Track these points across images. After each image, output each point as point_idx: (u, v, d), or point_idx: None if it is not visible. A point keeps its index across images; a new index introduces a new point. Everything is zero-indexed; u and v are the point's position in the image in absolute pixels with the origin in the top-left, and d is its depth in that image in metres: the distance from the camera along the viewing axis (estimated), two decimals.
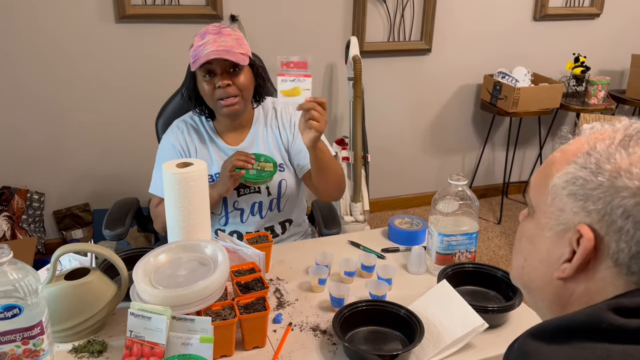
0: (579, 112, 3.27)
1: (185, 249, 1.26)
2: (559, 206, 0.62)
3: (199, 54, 1.48)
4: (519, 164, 3.78)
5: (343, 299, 1.26)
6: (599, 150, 0.60)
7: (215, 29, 1.50)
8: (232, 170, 1.49)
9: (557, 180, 0.62)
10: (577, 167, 0.61)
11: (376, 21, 3.07)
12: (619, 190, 0.56)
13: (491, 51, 3.36)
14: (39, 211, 2.79)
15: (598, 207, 0.57)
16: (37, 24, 2.54)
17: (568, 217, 0.61)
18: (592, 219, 0.58)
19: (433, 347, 1.14)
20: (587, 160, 0.60)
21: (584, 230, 0.58)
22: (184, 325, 1.08)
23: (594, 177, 0.58)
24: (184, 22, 2.73)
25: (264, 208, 1.65)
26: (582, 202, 0.59)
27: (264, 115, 1.69)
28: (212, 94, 1.52)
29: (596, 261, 0.59)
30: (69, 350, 1.13)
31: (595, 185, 0.58)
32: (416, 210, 3.55)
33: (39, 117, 2.69)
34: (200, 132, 1.66)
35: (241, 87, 1.52)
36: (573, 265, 0.60)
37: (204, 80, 1.52)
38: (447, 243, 1.39)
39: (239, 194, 1.63)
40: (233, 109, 1.54)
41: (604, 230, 0.57)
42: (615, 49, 3.63)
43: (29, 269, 1.02)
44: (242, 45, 1.52)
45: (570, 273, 0.60)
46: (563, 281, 0.62)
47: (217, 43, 1.47)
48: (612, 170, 0.57)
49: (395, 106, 3.31)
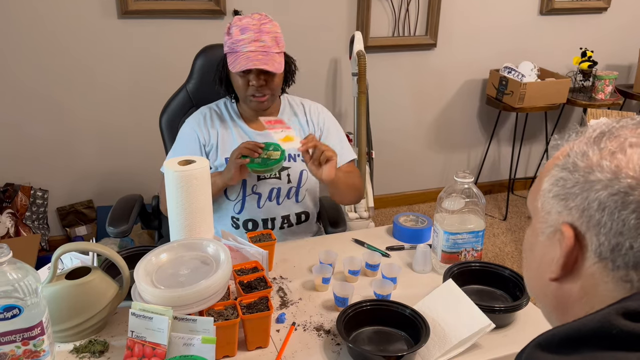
0: (586, 108, 3.24)
1: (187, 248, 1.24)
2: (547, 209, 0.62)
3: (237, 49, 1.50)
4: (525, 159, 3.75)
5: (347, 298, 1.25)
6: (575, 150, 0.61)
7: (256, 25, 1.53)
8: (238, 158, 1.50)
9: (545, 184, 0.63)
10: (559, 169, 0.62)
11: (381, 16, 3.04)
12: (592, 184, 0.57)
13: (497, 46, 3.33)
14: (42, 208, 2.78)
15: (577, 203, 0.58)
16: (39, 20, 2.53)
17: (554, 218, 0.61)
18: (572, 217, 0.59)
19: (439, 347, 1.12)
20: (567, 161, 0.61)
21: (564, 229, 0.59)
22: (186, 325, 1.07)
23: (572, 175, 0.59)
24: (187, 18, 2.71)
25: (281, 195, 1.66)
26: (563, 201, 0.60)
27: (290, 105, 1.73)
28: (245, 89, 1.57)
29: (583, 258, 0.59)
30: (70, 350, 1.12)
31: (572, 183, 0.59)
32: (421, 207, 3.53)
33: (41, 113, 2.68)
34: (223, 118, 1.68)
35: (273, 88, 1.58)
36: (558, 263, 0.60)
37: (239, 75, 1.56)
38: (452, 241, 1.37)
39: (259, 178, 1.64)
40: (262, 105, 1.59)
41: (585, 226, 0.58)
42: (623, 43, 3.59)
43: (28, 269, 1.01)
44: (279, 43, 1.56)
45: (558, 272, 0.60)
46: (557, 282, 0.62)
47: (257, 43, 1.50)
48: (586, 167, 0.58)
49: (400, 102, 3.28)
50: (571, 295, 0.61)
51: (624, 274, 0.55)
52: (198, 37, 2.67)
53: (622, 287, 0.56)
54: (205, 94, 1.85)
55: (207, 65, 1.86)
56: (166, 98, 1.92)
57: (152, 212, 1.95)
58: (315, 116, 1.73)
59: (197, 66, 1.87)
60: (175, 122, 1.86)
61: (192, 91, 1.87)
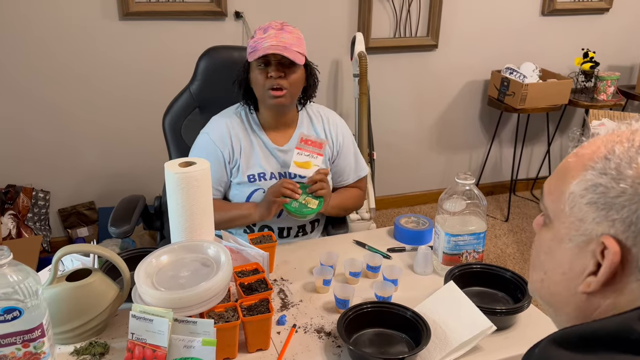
0: (588, 108, 3.22)
1: (188, 250, 1.24)
2: (579, 216, 0.58)
3: (258, 46, 1.51)
4: (526, 160, 3.74)
5: (348, 300, 1.25)
6: (618, 154, 0.56)
7: (279, 25, 1.54)
8: (277, 197, 1.51)
9: (575, 187, 0.58)
10: (595, 173, 0.57)
11: (382, 17, 3.03)
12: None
13: (499, 47, 3.32)
14: (44, 209, 2.79)
15: (622, 216, 0.54)
16: (40, 22, 2.53)
17: (589, 227, 0.57)
18: (616, 230, 0.54)
19: (440, 350, 1.12)
20: (607, 166, 0.56)
21: (609, 243, 0.55)
22: (186, 327, 1.06)
23: (616, 183, 0.55)
24: (189, 19, 2.71)
25: None
26: (604, 211, 0.55)
27: (309, 117, 1.71)
28: (264, 83, 1.54)
29: (623, 273, 0.55)
30: (71, 352, 1.12)
31: (617, 192, 0.54)
32: (422, 208, 3.52)
33: (43, 115, 2.68)
34: (245, 129, 1.65)
35: (291, 83, 1.55)
36: (599, 279, 0.56)
37: (258, 68, 1.55)
38: (454, 243, 1.36)
39: None
40: (279, 101, 1.56)
41: (631, 241, 0.54)
42: (625, 44, 3.58)
43: (29, 271, 1.01)
44: (301, 45, 1.56)
45: (596, 287, 0.57)
46: (587, 295, 0.58)
47: (278, 38, 1.50)
48: (635, 176, 0.54)
49: (401, 103, 3.28)
50: (598, 308, 0.58)
51: None
52: (199, 38, 2.68)
53: None
54: (208, 95, 1.85)
55: (210, 66, 1.86)
56: (168, 99, 1.91)
57: (154, 213, 1.95)
58: (334, 130, 1.71)
59: (200, 67, 1.87)
60: (178, 124, 1.86)
61: (195, 92, 1.87)
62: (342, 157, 1.72)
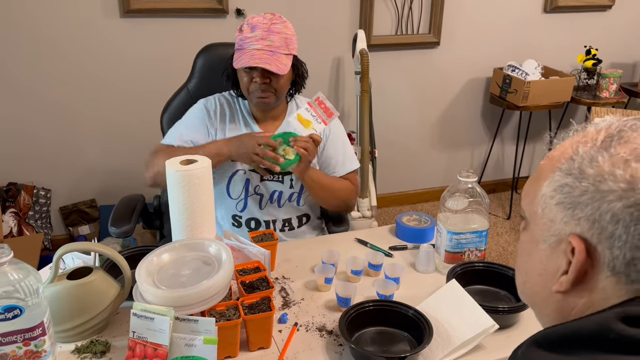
0: (590, 106, 3.21)
1: (189, 248, 1.24)
2: (549, 216, 0.59)
3: (244, 46, 1.50)
4: (528, 158, 3.74)
5: (350, 298, 1.24)
6: (581, 154, 0.57)
7: (267, 23, 1.50)
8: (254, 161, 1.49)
9: (545, 189, 0.60)
10: (562, 174, 0.58)
11: (384, 14, 3.02)
12: (605, 195, 0.54)
13: (501, 44, 3.31)
14: (45, 207, 2.78)
15: (587, 214, 0.55)
16: (41, 20, 2.53)
17: (559, 227, 0.58)
18: (582, 228, 0.55)
19: (442, 348, 1.11)
20: (571, 166, 0.57)
21: (575, 242, 0.56)
22: (188, 326, 1.06)
23: (579, 182, 0.56)
24: (190, 17, 2.71)
25: (283, 198, 1.66)
26: (570, 210, 0.56)
27: (297, 108, 1.69)
28: (248, 86, 1.55)
29: (593, 271, 0.56)
30: (72, 350, 1.12)
31: (580, 191, 0.55)
32: (424, 206, 3.52)
33: (43, 113, 2.68)
34: (236, 115, 1.67)
35: (278, 87, 1.55)
36: (569, 278, 0.57)
37: (244, 71, 1.54)
38: (456, 241, 1.36)
39: (262, 179, 1.64)
40: (264, 102, 1.57)
41: (596, 238, 0.54)
42: (628, 41, 3.56)
43: (29, 269, 1.01)
44: (289, 45, 1.53)
45: (567, 286, 0.58)
46: (563, 294, 0.59)
47: (264, 42, 1.48)
48: (596, 175, 0.55)
49: (403, 100, 3.27)
50: (575, 307, 0.59)
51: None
52: (200, 35, 2.67)
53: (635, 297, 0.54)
54: (206, 93, 1.84)
55: (208, 64, 1.86)
56: (168, 97, 1.91)
57: (154, 212, 1.94)
58: None
59: (198, 65, 1.87)
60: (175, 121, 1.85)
61: (193, 90, 1.87)
62: (329, 146, 1.68)
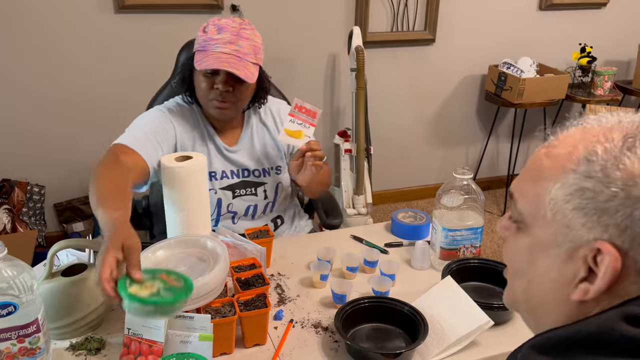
0: (585, 103, 3.23)
1: (185, 245, 1.24)
2: (564, 222, 0.55)
3: (208, 48, 1.37)
4: (523, 155, 3.74)
5: (345, 295, 1.24)
6: (601, 155, 0.53)
7: (236, 28, 1.39)
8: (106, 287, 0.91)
9: (557, 192, 0.55)
10: (579, 176, 0.54)
11: (379, 11, 3.02)
12: (637, 200, 0.51)
13: (496, 41, 3.32)
14: (39, 204, 2.77)
15: (617, 220, 0.51)
16: (35, 15, 2.51)
17: (578, 233, 0.54)
18: (610, 234, 0.52)
19: (437, 344, 1.11)
20: (591, 168, 0.53)
21: (606, 248, 0.52)
22: (183, 322, 1.06)
23: (605, 187, 0.52)
24: (185, 13, 2.69)
25: (258, 211, 1.60)
26: (595, 216, 0.53)
27: (257, 116, 1.60)
28: (208, 92, 1.42)
29: (621, 278, 0.53)
30: (67, 347, 1.12)
31: (608, 196, 0.52)
32: (419, 203, 3.52)
33: (37, 109, 2.66)
34: (195, 119, 1.53)
35: (240, 97, 1.44)
36: (599, 286, 0.54)
37: (204, 75, 1.41)
38: (451, 238, 1.36)
39: (234, 195, 1.56)
40: (223, 113, 1.45)
41: (628, 244, 0.52)
42: (622, 39, 3.57)
43: (24, 266, 1.00)
44: (257, 54, 1.42)
45: (595, 295, 0.54)
46: (580, 302, 0.56)
47: (233, 46, 1.36)
48: (626, 178, 0.51)
49: (398, 97, 3.27)
50: (589, 313, 0.56)
51: None
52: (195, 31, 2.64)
53: None
54: None
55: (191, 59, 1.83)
56: None
57: (143, 212, 1.91)
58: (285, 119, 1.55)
59: (181, 61, 1.83)
60: None
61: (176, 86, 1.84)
62: None
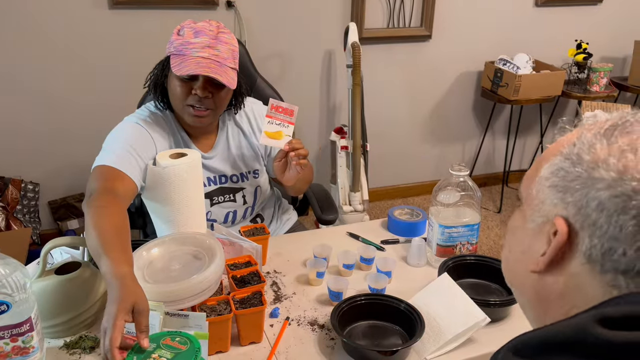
0: (581, 100, 3.23)
1: (179, 242, 1.23)
2: (541, 198, 0.59)
3: (186, 53, 1.32)
4: (519, 152, 3.75)
5: (341, 292, 1.24)
6: (583, 140, 0.57)
7: (213, 31, 1.35)
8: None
9: (544, 171, 0.60)
10: (561, 158, 0.58)
11: (375, 7, 3.01)
12: (595, 182, 0.53)
13: (492, 38, 3.31)
14: (33, 201, 2.75)
15: (575, 199, 0.55)
16: (30, 11, 2.49)
17: (547, 209, 0.58)
18: (568, 212, 0.55)
19: (434, 342, 1.11)
20: (571, 151, 0.57)
21: (559, 223, 0.56)
22: (178, 321, 1.05)
23: (574, 167, 0.56)
24: (180, 9, 2.68)
25: (237, 217, 1.58)
26: (561, 193, 0.56)
27: (232, 120, 1.56)
28: (184, 98, 1.36)
29: (570, 256, 0.56)
30: (60, 346, 1.11)
31: (574, 176, 0.55)
32: (416, 200, 3.52)
33: (31, 106, 2.64)
34: (170, 125, 1.48)
35: (218, 104, 1.40)
36: (545, 259, 0.57)
37: (180, 80, 1.35)
38: (448, 235, 1.36)
39: (212, 203, 1.52)
40: (200, 120, 1.40)
41: (579, 224, 0.54)
42: (618, 35, 3.58)
43: (17, 264, 0.99)
44: (235, 59, 1.39)
45: (542, 267, 0.58)
46: (538, 275, 0.59)
47: (211, 51, 1.32)
48: (591, 161, 0.54)
49: (394, 94, 3.26)
50: (552, 291, 0.59)
51: (612, 278, 0.53)
52: None
53: (608, 291, 0.53)
54: None
55: None
56: None
57: (135, 210, 1.90)
58: (261, 120, 1.51)
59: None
60: None
61: None
62: None
